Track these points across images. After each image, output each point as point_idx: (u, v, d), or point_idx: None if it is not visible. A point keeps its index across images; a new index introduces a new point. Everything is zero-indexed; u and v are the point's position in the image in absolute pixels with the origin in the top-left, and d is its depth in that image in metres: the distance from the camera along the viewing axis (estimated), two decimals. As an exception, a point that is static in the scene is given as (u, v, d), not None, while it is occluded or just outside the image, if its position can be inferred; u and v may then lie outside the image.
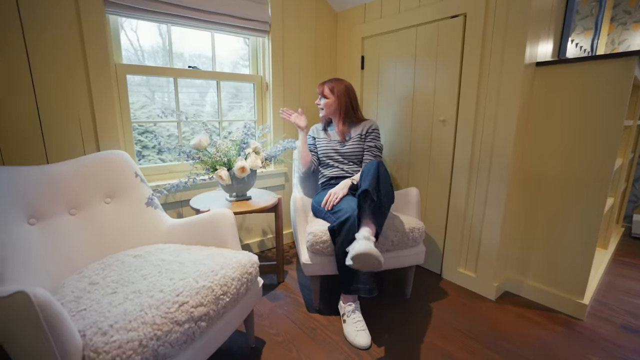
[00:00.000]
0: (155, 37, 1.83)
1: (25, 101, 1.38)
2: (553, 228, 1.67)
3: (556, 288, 1.70)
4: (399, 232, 1.58)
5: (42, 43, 1.38)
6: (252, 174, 1.68)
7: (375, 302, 1.74)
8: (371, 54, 2.24)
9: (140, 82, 1.84)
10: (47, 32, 1.39)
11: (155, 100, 1.91)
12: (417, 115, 2.01)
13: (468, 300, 1.79)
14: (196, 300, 0.95)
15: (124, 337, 0.79)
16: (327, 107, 1.84)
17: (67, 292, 0.98)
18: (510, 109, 1.58)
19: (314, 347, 1.40)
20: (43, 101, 1.42)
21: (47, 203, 1.20)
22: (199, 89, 2.07)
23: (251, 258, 1.22)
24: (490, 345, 1.44)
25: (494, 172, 1.69)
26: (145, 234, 1.42)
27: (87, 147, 1.55)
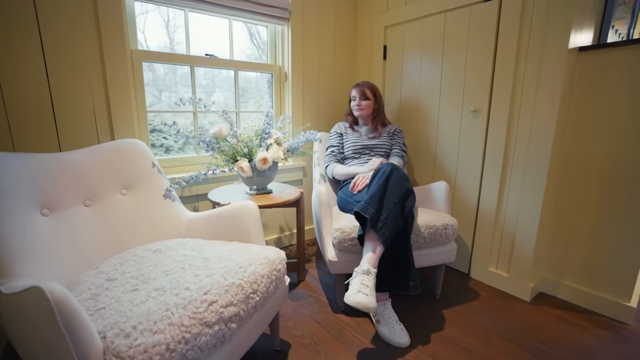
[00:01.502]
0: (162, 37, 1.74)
1: (38, 87, 1.30)
2: (597, 225, 1.55)
3: (599, 289, 1.59)
4: (431, 228, 1.48)
5: (55, 27, 1.31)
6: (273, 166, 1.59)
7: (403, 301, 1.64)
8: (394, 43, 2.14)
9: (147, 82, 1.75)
10: (61, 15, 1.31)
11: (162, 99, 1.83)
12: (445, 107, 1.91)
13: (501, 301, 1.68)
14: (226, 299, 0.86)
15: (150, 341, 0.70)
16: (368, 108, 1.85)
17: (83, 288, 0.90)
18: (552, 96, 1.47)
19: (342, 350, 1.31)
20: (56, 87, 1.34)
21: (61, 193, 1.12)
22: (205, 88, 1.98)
23: (279, 254, 1.13)
24: (533, 350, 1.33)
25: (531, 164, 1.58)
26: (163, 227, 1.33)
27: (101, 135, 1.47)
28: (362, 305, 1.02)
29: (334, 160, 1.83)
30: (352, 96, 1.89)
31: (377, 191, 1.29)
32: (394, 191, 1.29)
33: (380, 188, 1.29)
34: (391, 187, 1.29)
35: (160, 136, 1.87)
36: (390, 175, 1.32)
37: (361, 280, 1.10)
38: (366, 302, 1.03)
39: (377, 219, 1.24)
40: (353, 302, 1.03)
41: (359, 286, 1.08)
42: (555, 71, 1.46)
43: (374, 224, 1.23)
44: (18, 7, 1.22)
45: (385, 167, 1.36)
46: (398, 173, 1.34)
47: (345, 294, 1.08)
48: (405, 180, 1.34)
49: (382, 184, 1.30)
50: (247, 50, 2.08)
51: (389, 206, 1.26)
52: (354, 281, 1.12)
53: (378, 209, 1.25)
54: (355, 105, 1.86)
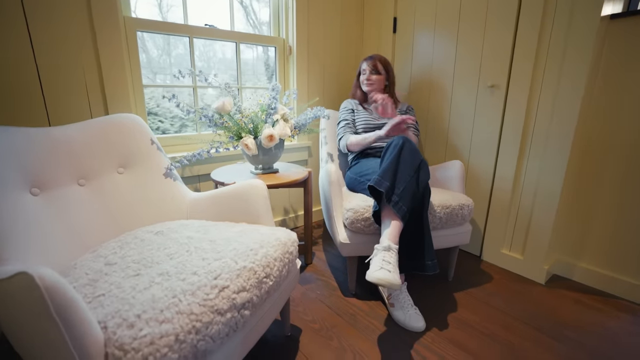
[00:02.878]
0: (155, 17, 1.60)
1: (21, 56, 1.18)
2: (618, 205, 1.48)
3: (617, 272, 1.53)
4: (447, 208, 1.41)
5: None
6: (280, 143, 1.49)
7: (416, 284, 1.59)
8: (406, 14, 2.01)
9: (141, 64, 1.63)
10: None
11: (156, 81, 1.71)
12: (459, 82, 1.80)
13: (515, 284, 1.62)
14: (237, 284, 0.78)
15: (157, 331, 0.62)
16: (379, 82, 1.74)
17: (80, 274, 0.82)
18: (580, 69, 1.37)
19: (356, 335, 1.25)
20: (42, 57, 1.22)
21: (51, 170, 1.02)
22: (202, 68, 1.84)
23: (291, 235, 1.05)
24: (553, 334, 1.28)
25: (552, 142, 1.50)
26: (165, 208, 1.25)
27: (95, 110, 1.36)
28: (386, 281, 0.95)
29: (349, 132, 1.72)
30: (362, 69, 1.77)
31: (391, 164, 1.20)
32: (408, 163, 1.20)
33: (394, 161, 1.20)
34: (404, 159, 1.21)
35: (156, 119, 1.77)
36: (403, 148, 1.23)
37: (382, 257, 1.03)
38: (390, 278, 0.96)
39: (392, 192, 1.16)
40: (376, 278, 0.97)
41: (381, 263, 1.01)
42: (584, 42, 1.35)
43: (389, 197, 1.15)
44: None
45: (397, 140, 1.27)
46: (410, 145, 1.25)
47: (367, 272, 1.01)
48: (417, 153, 1.25)
49: (395, 157, 1.21)
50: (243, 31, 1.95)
51: (404, 179, 1.17)
52: (375, 259, 1.05)
53: (392, 182, 1.17)
54: (365, 79, 1.74)
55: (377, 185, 1.16)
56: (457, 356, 1.16)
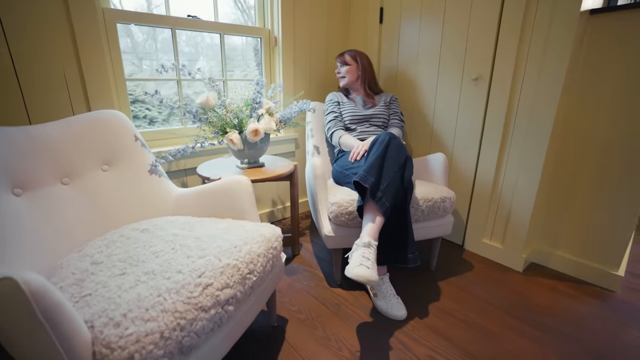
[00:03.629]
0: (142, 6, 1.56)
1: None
2: (592, 195, 1.55)
3: (589, 259, 1.61)
4: (429, 201, 1.45)
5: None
6: (265, 137, 1.50)
7: (399, 274, 1.64)
8: (392, 4, 2.00)
9: (126, 49, 1.59)
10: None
11: (142, 68, 1.68)
12: (444, 74, 1.82)
13: (495, 272, 1.69)
14: (221, 281, 0.81)
15: (142, 329, 0.65)
16: (350, 73, 1.78)
17: (66, 274, 0.83)
18: (559, 63, 1.40)
19: (340, 324, 1.30)
20: (18, 52, 1.19)
21: (34, 170, 1.02)
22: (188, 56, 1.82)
23: (275, 231, 1.07)
24: (526, 319, 1.35)
25: (532, 135, 1.54)
26: (150, 205, 1.26)
27: (76, 107, 1.35)
28: (364, 278, 0.99)
29: (340, 127, 1.74)
30: (337, 65, 1.86)
31: (376, 160, 1.23)
32: (394, 160, 1.23)
33: (379, 157, 1.23)
34: (390, 155, 1.24)
35: (143, 107, 1.74)
36: (389, 144, 1.26)
37: (362, 253, 1.07)
38: (368, 275, 1.00)
39: (376, 188, 1.19)
40: (355, 275, 1.00)
41: (360, 259, 1.05)
42: (564, 37, 1.38)
43: (374, 193, 1.19)
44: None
45: (384, 136, 1.30)
46: (396, 141, 1.28)
47: (347, 267, 1.05)
48: (403, 149, 1.28)
49: (381, 153, 1.24)
50: (232, 14, 1.92)
51: (388, 175, 1.21)
52: (354, 254, 1.09)
53: (377, 178, 1.20)
54: (337, 72, 1.84)
55: (362, 181, 1.19)
56: (435, 342, 1.22)
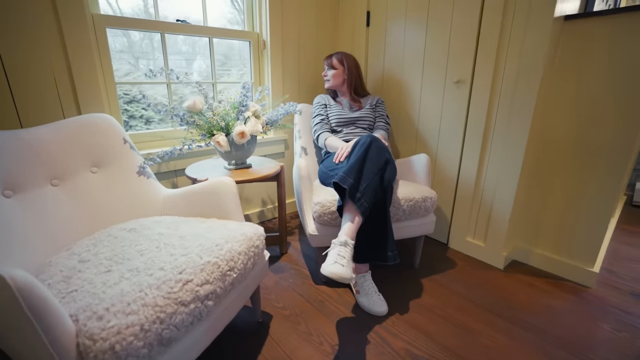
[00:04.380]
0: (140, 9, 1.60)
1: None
2: (569, 195, 1.60)
3: (566, 256, 1.67)
4: (410, 201, 1.50)
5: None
6: (252, 139, 1.55)
7: (383, 272, 1.69)
8: (378, 8, 2.05)
9: (123, 48, 1.63)
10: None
11: (139, 67, 1.72)
12: (428, 77, 1.87)
13: (477, 269, 1.75)
14: (201, 277, 0.86)
15: (123, 322, 0.69)
16: (335, 77, 1.82)
17: (54, 271, 0.88)
18: (535, 67, 1.46)
19: (323, 320, 1.35)
20: (9, 58, 1.23)
21: (24, 172, 1.06)
22: (185, 55, 1.87)
23: (257, 230, 1.12)
24: (504, 315, 1.41)
25: (511, 137, 1.59)
26: (139, 206, 1.30)
27: (67, 111, 1.39)
28: (337, 275, 1.04)
29: (327, 129, 1.79)
30: (324, 67, 1.89)
31: (356, 162, 1.28)
32: (374, 162, 1.28)
33: (360, 159, 1.28)
34: (370, 158, 1.29)
35: (139, 107, 1.77)
36: (370, 147, 1.31)
37: (338, 251, 1.12)
38: (341, 272, 1.04)
39: (355, 189, 1.24)
40: (329, 272, 1.05)
41: (336, 257, 1.09)
42: (538, 42, 1.43)
43: (353, 194, 1.23)
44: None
45: (365, 138, 1.34)
46: (377, 144, 1.32)
47: (322, 265, 1.10)
48: (384, 152, 1.33)
49: (361, 155, 1.29)
50: (228, 14, 1.95)
51: (368, 177, 1.25)
52: (331, 252, 1.14)
53: (357, 179, 1.25)
54: (323, 75, 1.88)
55: (341, 182, 1.23)
56: (413, 337, 1.27)
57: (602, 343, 1.27)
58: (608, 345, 1.26)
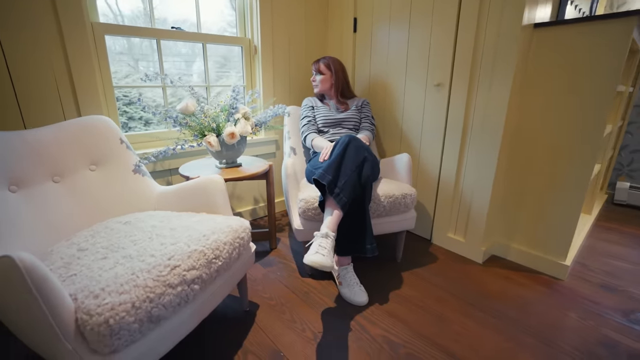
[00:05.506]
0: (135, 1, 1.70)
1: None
2: (541, 193, 1.70)
3: (541, 250, 1.76)
4: (390, 198, 1.59)
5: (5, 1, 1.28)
6: (242, 140, 1.64)
7: (366, 265, 1.78)
8: (364, 15, 2.14)
9: (123, 51, 1.73)
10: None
11: (139, 69, 1.81)
12: (411, 80, 1.97)
13: (457, 264, 1.84)
14: (188, 263, 0.95)
15: (117, 300, 0.78)
16: (323, 82, 1.92)
17: (55, 258, 0.97)
18: (507, 71, 1.55)
19: (306, 309, 1.44)
20: (14, 64, 1.32)
21: (27, 170, 1.16)
22: (185, 57, 1.96)
23: (243, 223, 1.21)
24: (478, 305, 1.49)
25: (486, 137, 1.69)
26: (134, 201, 1.39)
27: (67, 113, 1.48)
28: (318, 264, 1.14)
29: (313, 130, 1.88)
30: (312, 72, 1.98)
31: (335, 160, 1.37)
32: (352, 159, 1.38)
33: (338, 157, 1.38)
34: (348, 155, 1.38)
35: (138, 108, 1.86)
36: (348, 145, 1.40)
37: (319, 242, 1.21)
38: (322, 261, 1.14)
39: (334, 185, 1.33)
40: (310, 261, 1.15)
41: (317, 248, 1.19)
42: (509, 47, 1.53)
43: (332, 190, 1.33)
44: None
45: (344, 138, 1.44)
46: (355, 143, 1.42)
47: (305, 255, 1.19)
48: (362, 150, 1.42)
49: (340, 153, 1.38)
50: (228, 16, 2.05)
51: (346, 173, 1.35)
52: (313, 243, 1.23)
53: (335, 176, 1.34)
54: (312, 80, 1.96)
55: (320, 179, 1.33)
56: (390, 325, 1.36)
57: (569, 330, 1.36)
58: (574, 333, 1.35)
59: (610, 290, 1.63)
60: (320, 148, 1.74)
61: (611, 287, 1.66)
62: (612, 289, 1.63)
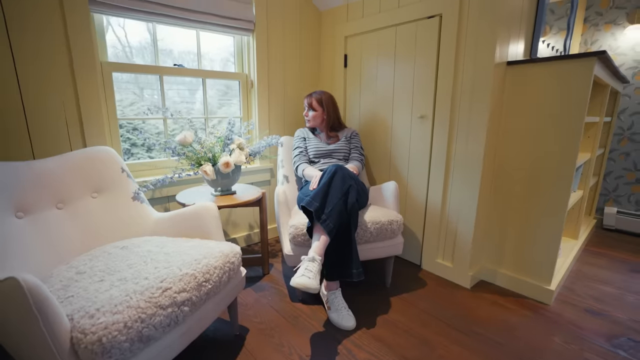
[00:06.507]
0: (143, 32, 1.86)
1: (10, 98, 1.41)
2: (523, 219, 1.77)
3: (526, 275, 1.80)
4: (377, 224, 1.66)
5: (26, 42, 1.41)
6: (236, 169, 1.74)
7: (356, 290, 1.82)
8: (354, 52, 2.31)
9: (129, 80, 1.86)
10: (32, 30, 1.42)
11: (144, 97, 1.94)
12: (398, 112, 2.09)
13: (445, 289, 1.88)
14: (179, 286, 1.01)
15: (110, 319, 0.84)
16: (315, 119, 2.02)
17: (55, 281, 1.03)
18: (483, 105, 1.67)
19: (295, 333, 1.48)
20: (29, 98, 1.45)
21: (34, 197, 1.24)
22: (189, 85, 2.11)
23: (233, 248, 1.28)
24: (463, 329, 1.53)
25: (468, 165, 1.78)
26: (132, 227, 1.47)
27: (74, 143, 1.59)
28: (303, 286, 1.19)
29: (304, 161, 1.98)
30: (304, 106, 2.07)
31: (322, 188, 1.46)
32: (338, 188, 1.47)
33: (325, 185, 1.46)
34: (335, 184, 1.47)
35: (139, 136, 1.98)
36: (335, 174, 1.50)
37: (306, 266, 1.28)
38: (308, 283, 1.20)
39: (321, 211, 1.41)
40: (296, 283, 1.21)
41: (304, 271, 1.25)
42: (484, 83, 1.65)
43: (319, 216, 1.41)
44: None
45: (331, 167, 1.54)
46: (342, 172, 1.51)
47: (292, 278, 1.25)
48: (348, 178, 1.51)
49: (327, 182, 1.47)
50: (230, 47, 2.21)
51: (332, 201, 1.43)
52: (300, 267, 1.29)
53: (322, 203, 1.42)
54: (304, 115, 2.06)
55: (307, 206, 1.41)
56: (376, 349, 1.39)
57: (552, 354, 1.39)
58: (557, 357, 1.37)
59: (595, 314, 1.66)
60: (311, 177, 1.83)
61: (596, 311, 1.69)
62: (597, 314, 1.67)
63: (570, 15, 2.39)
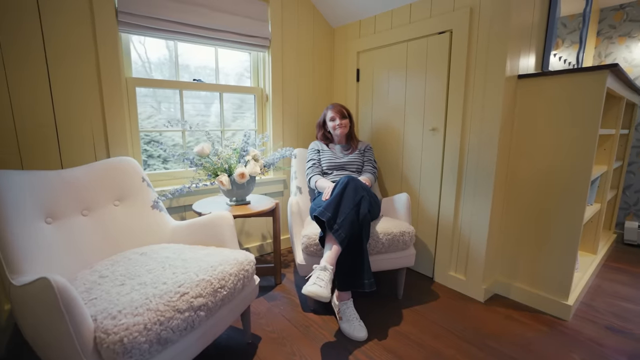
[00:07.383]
0: (162, 49, 1.97)
1: (44, 112, 1.51)
2: (538, 232, 1.75)
3: (542, 290, 1.77)
4: (389, 235, 1.67)
5: (61, 61, 1.52)
6: (251, 179, 1.79)
7: (368, 302, 1.82)
8: (366, 67, 2.37)
9: (147, 94, 1.96)
10: (66, 50, 1.53)
11: (161, 110, 2.03)
12: (409, 125, 2.12)
13: (458, 302, 1.85)
14: (196, 291, 1.05)
15: (131, 321, 0.88)
16: (346, 126, 2.05)
17: (79, 284, 1.08)
18: (494, 118, 1.68)
19: (306, 343, 1.48)
20: (60, 112, 1.55)
21: (61, 204, 1.31)
22: (204, 99, 2.20)
23: (248, 256, 1.31)
24: (476, 343, 1.51)
25: (480, 179, 1.78)
26: (151, 234, 1.52)
27: (99, 153, 1.67)
28: (315, 294, 1.21)
29: (317, 172, 2.02)
30: (329, 117, 2.06)
31: (334, 198, 1.49)
32: (350, 198, 1.49)
33: (337, 196, 1.49)
34: (347, 195, 1.50)
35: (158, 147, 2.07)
36: (347, 185, 1.53)
37: (317, 275, 1.30)
38: (319, 291, 1.22)
39: (333, 221, 1.44)
40: (308, 292, 1.23)
41: (315, 279, 1.27)
42: (495, 97, 1.67)
43: (331, 226, 1.43)
44: (29, 44, 1.44)
45: (344, 178, 1.57)
46: (354, 183, 1.54)
47: (304, 287, 1.27)
48: (360, 189, 1.54)
49: (339, 193, 1.50)
50: (244, 62, 2.30)
51: (344, 211, 1.46)
52: (312, 276, 1.31)
53: (335, 213, 1.45)
54: (337, 125, 2.03)
55: (320, 216, 1.44)
56: (387, 359, 1.38)
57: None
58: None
59: (617, 332, 1.61)
60: (323, 188, 1.87)
61: (617, 328, 1.64)
62: (619, 331, 1.62)
63: (582, 28, 2.39)
